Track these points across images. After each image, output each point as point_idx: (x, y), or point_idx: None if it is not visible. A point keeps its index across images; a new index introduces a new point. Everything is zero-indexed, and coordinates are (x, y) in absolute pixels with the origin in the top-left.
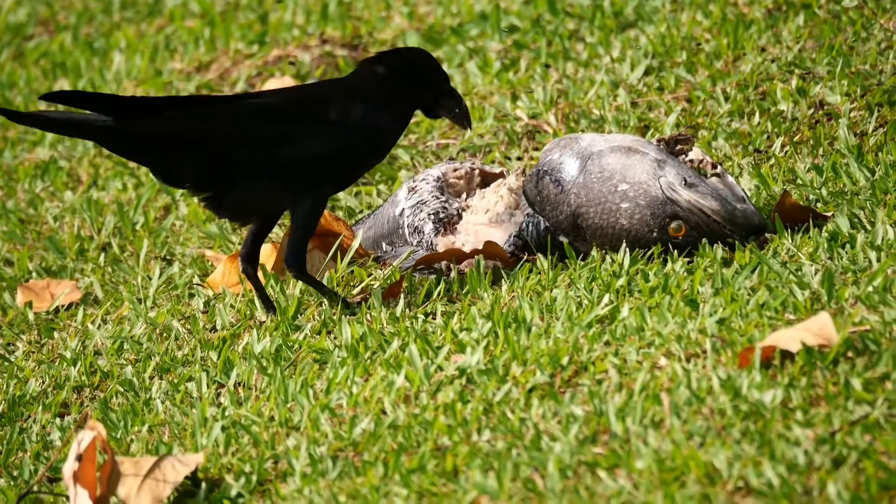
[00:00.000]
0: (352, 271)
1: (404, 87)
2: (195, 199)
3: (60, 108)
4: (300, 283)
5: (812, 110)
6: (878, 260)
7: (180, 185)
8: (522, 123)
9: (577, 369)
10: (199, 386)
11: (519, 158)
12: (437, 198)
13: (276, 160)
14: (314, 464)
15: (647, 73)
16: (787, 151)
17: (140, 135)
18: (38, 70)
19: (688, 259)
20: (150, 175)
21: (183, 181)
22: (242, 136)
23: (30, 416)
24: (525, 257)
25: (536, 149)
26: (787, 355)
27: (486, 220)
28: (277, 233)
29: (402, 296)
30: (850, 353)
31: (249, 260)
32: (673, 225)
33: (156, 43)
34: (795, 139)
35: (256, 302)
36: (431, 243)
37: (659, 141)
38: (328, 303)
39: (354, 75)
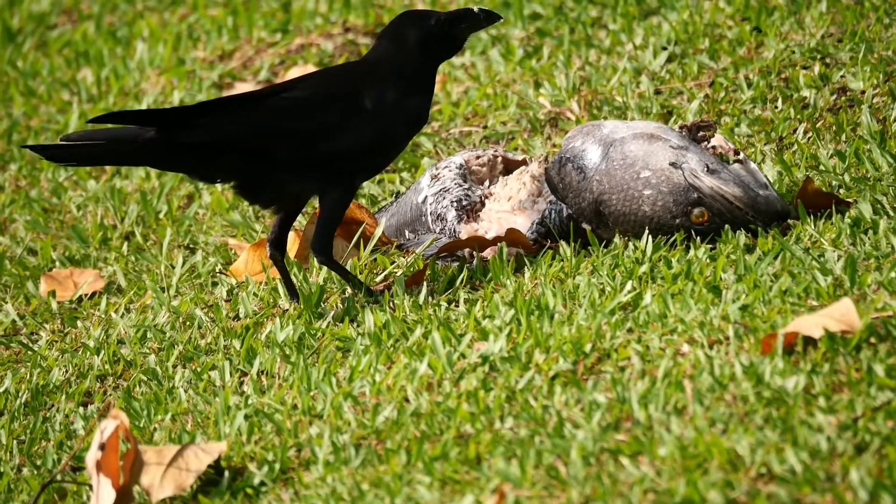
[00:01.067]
0: (375, 259)
1: (415, 55)
2: (219, 188)
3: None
4: (323, 271)
5: (835, 96)
6: None
7: (216, 183)
8: (545, 111)
9: (599, 356)
10: (223, 374)
11: (542, 146)
12: (460, 185)
13: (314, 153)
14: (337, 452)
15: (669, 60)
16: (809, 138)
17: (185, 144)
18: (61, 59)
19: (710, 245)
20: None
21: (221, 180)
22: (283, 134)
23: (53, 406)
24: (548, 244)
25: (559, 136)
26: (809, 341)
27: (508, 208)
28: (301, 220)
29: (424, 283)
30: (872, 339)
31: (277, 245)
32: (696, 211)
33: (179, 32)
34: (818, 125)
35: (280, 289)
36: (454, 230)
37: (681, 127)
38: (352, 290)
39: (368, 58)
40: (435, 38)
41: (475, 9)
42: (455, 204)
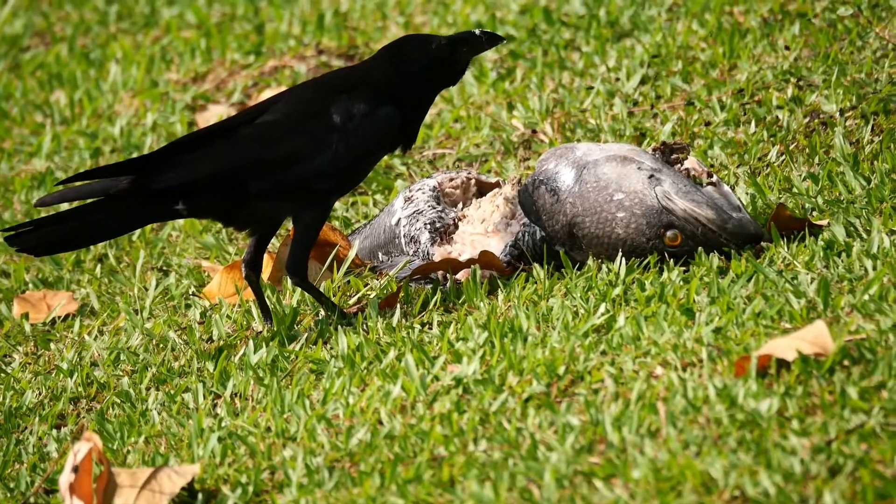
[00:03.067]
0: (348, 281)
1: (415, 78)
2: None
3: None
4: (297, 293)
5: (808, 119)
6: (874, 268)
7: (202, 218)
8: (518, 133)
9: (573, 379)
10: (196, 397)
11: (516, 168)
12: (434, 207)
13: (288, 178)
14: (311, 474)
15: (643, 82)
16: (782, 160)
17: (158, 190)
18: (34, 81)
19: (684, 268)
20: None
21: (198, 217)
22: (257, 166)
23: (26, 428)
24: (521, 267)
25: (532, 158)
26: (783, 364)
27: (482, 230)
28: (274, 243)
29: (398, 306)
30: (846, 362)
31: (253, 266)
32: (669, 234)
33: (152, 54)
34: (791, 148)
35: (254, 311)
36: (428, 253)
37: (655, 150)
38: (325, 313)
39: (358, 67)
40: (437, 63)
41: (477, 32)
42: (428, 226)
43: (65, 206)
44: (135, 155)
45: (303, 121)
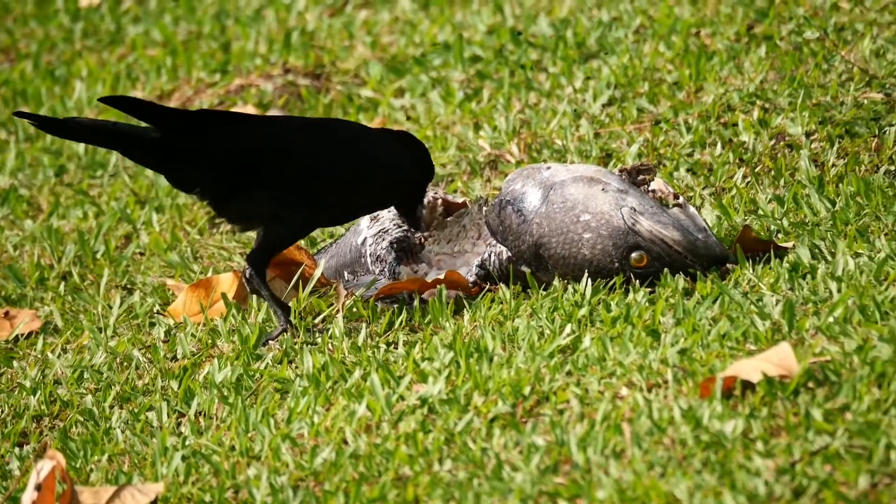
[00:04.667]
0: (311, 302)
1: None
2: (157, 227)
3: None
4: (262, 311)
5: (773, 141)
6: (839, 291)
7: (190, 192)
8: (485, 153)
9: (538, 399)
10: (160, 415)
11: (482, 188)
12: (400, 227)
13: (308, 179)
14: (275, 493)
15: (609, 103)
16: (748, 182)
17: (187, 150)
18: None
19: (649, 289)
20: (113, 204)
21: (196, 188)
22: (291, 154)
23: None
24: (487, 287)
25: (499, 178)
26: (748, 385)
27: (448, 250)
28: (239, 261)
29: (364, 325)
30: (810, 384)
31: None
32: (635, 255)
33: (117, 71)
34: (757, 170)
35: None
36: (394, 272)
37: (621, 171)
38: (274, 318)
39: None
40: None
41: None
42: (394, 245)
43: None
44: (100, 173)
45: (337, 134)
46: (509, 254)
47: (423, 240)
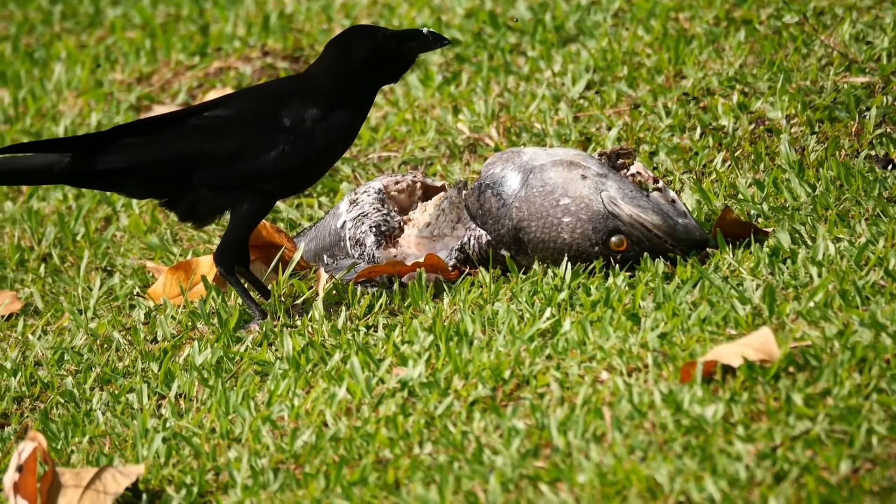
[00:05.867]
0: (292, 284)
1: (359, 68)
2: (136, 210)
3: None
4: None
5: (753, 125)
6: (819, 275)
7: (143, 198)
8: (464, 137)
9: (518, 383)
10: (140, 397)
11: (461, 172)
12: (379, 210)
13: (233, 173)
14: (255, 476)
15: (588, 87)
16: (728, 166)
17: (100, 170)
18: None
19: (629, 273)
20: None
21: (140, 197)
22: (201, 157)
23: None
24: (467, 271)
25: (478, 162)
26: (728, 370)
27: (427, 234)
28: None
29: (343, 307)
30: (791, 369)
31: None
32: (614, 239)
33: (97, 54)
34: (737, 154)
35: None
36: (373, 256)
37: (601, 155)
38: (250, 311)
39: (308, 71)
40: (381, 53)
41: (424, 30)
42: (374, 229)
43: None
44: None
45: (252, 119)
46: (489, 237)
47: (402, 223)
